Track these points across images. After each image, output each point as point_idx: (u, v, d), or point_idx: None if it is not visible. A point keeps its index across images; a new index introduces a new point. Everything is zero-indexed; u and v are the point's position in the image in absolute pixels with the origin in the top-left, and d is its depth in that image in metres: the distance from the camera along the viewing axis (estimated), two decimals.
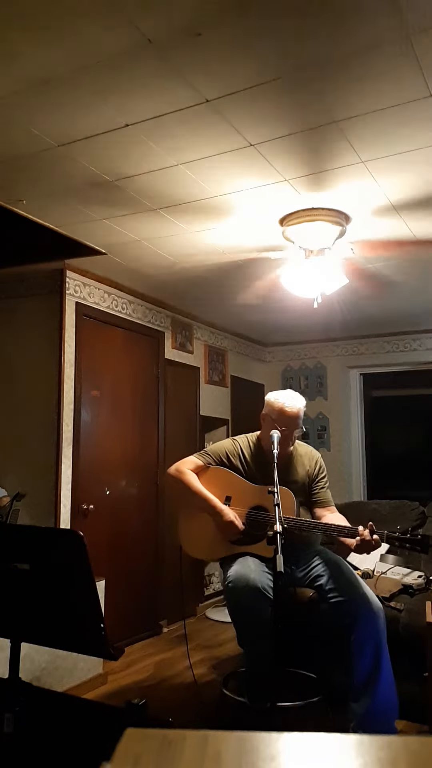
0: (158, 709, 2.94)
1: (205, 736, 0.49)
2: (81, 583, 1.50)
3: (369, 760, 0.46)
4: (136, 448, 4.41)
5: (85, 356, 3.93)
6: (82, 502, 3.83)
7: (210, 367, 5.47)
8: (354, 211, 2.98)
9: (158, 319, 4.74)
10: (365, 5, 1.65)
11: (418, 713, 2.66)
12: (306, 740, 0.48)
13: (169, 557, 4.46)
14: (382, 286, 4.25)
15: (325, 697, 2.65)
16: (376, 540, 2.41)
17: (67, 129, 2.27)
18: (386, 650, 2.50)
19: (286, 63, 1.87)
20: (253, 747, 0.48)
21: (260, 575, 2.50)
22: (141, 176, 2.63)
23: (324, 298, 3.45)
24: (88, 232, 3.27)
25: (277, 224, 3.13)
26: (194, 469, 2.84)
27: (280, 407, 2.74)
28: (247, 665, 2.66)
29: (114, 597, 3.75)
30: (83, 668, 3.29)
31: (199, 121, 2.20)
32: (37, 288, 3.89)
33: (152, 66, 1.89)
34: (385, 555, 3.56)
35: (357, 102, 2.08)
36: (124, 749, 0.48)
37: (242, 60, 1.87)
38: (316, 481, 2.86)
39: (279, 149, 2.38)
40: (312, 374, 6.28)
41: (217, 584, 5.32)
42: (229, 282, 4.14)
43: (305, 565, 2.74)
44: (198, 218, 3.08)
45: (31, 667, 2.92)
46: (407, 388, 6.23)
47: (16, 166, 2.54)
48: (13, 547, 1.65)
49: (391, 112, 2.14)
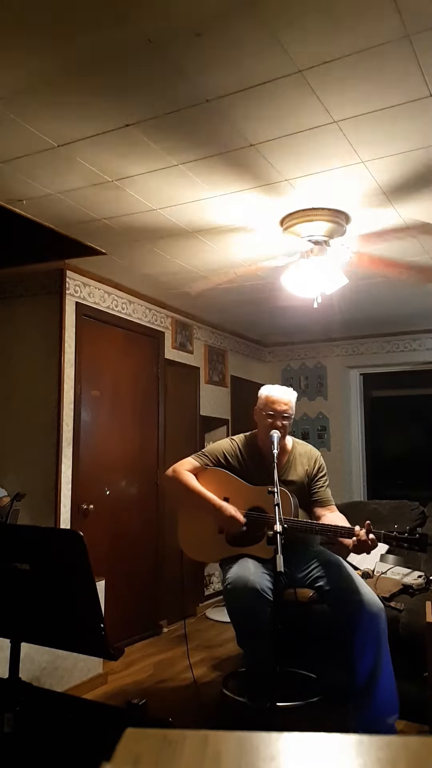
0: (158, 709, 2.94)
1: (205, 736, 0.49)
2: (81, 583, 1.50)
3: (369, 760, 0.46)
4: (136, 448, 4.41)
5: (85, 356, 3.93)
6: (82, 502, 3.83)
7: (210, 367, 5.47)
8: (354, 211, 2.98)
9: (158, 319, 4.74)
10: (365, 5, 1.65)
11: (418, 713, 2.66)
12: (306, 740, 0.48)
13: (169, 557, 4.46)
14: (382, 286, 4.26)
15: (325, 697, 2.65)
16: (373, 540, 2.40)
17: (68, 129, 2.27)
18: (387, 650, 2.50)
19: (286, 63, 1.87)
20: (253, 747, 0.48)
21: (259, 576, 2.50)
22: (141, 176, 2.63)
23: (324, 298, 3.46)
24: (88, 232, 3.27)
25: (278, 225, 3.14)
26: (192, 470, 2.85)
27: (266, 395, 2.81)
28: (247, 665, 2.66)
29: (114, 597, 3.75)
30: (83, 668, 3.29)
31: (199, 122, 2.20)
32: (37, 288, 3.89)
33: (152, 66, 1.89)
34: (385, 555, 3.56)
35: (357, 102, 2.08)
36: (124, 749, 0.48)
37: (242, 60, 1.87)
38: (316, 480, 2.85)
39: (279, 149, 2.38)
40: (312, 374, 6.28)
41: (217, 584, 5.32)
42: (230, 284, 4.14)
43: (305, 565, 2.74)
44: (198, 219, 3.08)
45: (31, 667, 2.92)
46: (407, 388, 6.23)
47: (16, 166, 2.54)
48: (13, 547, 1.66)
49: (391, 112, 2.14)
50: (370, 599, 2.51)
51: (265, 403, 2.78)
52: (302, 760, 0.47)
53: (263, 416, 2.77)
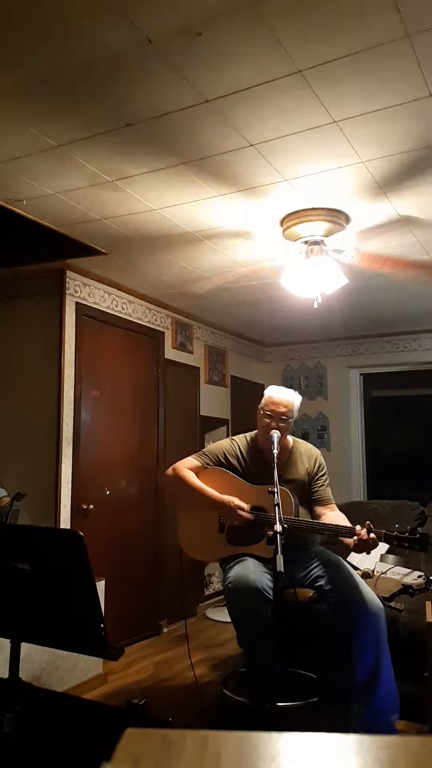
0: (158, 709, 2.94)
1: (205, 736, 0.49)
2: (81, 583, 1.50)
3: (369, 760, 0.46)
4: (136, 448, 4.41)
5: (85, 356, 3.93)
6: (82, 502, 3.83)
7: (210, 367, 5.47)
8: (354, 211, 2.98)
9: (158, 319, 4.74)
10: (365, 5, 1.65)
11: (418, 713, 2.66)
12: (306, 740, 0.48)
13: (169, 557, 4.46)
14: (382, 286, 4.25)
15: (325, 697, 2.65)
16: (374, 539, 2.41)
17: (68, 129, 2.27)
18: (387, 650, 2.51)
19: (286, 63, 1.87)
20: (253, 747, 0.48)
21: (260, 576, 2.50)
22: (141, 176, 2.63)
23: (324, 298, 3.46)
24: (88, 232, 3.27)
25: (278, 225, 3.14)
26: (192, 469, 2.85)
27: (269, 396, 2.82)
28: (247, 665, 2.66)
29: (114, 597, 3.75)
30: (83, 668, 3.29)
31: (199, 122, 2.20)
32: (37, 288, 3.89)
33: (152, 66, 1.89)
34: (385, 555, 3.56)
35: (357, 102, 2.08)
36: (124, 749, 0.48)
37: (242, 60, 1.86)
38: (316, 479, 2.86)
39: (279, 149, 2.38)
40: (312, 374, 6.28)
41: (217, 584, 5.32)
42: (230, 284, 4.14)
43: (305, 565, 2.74)
44: (198, 219, 3.08)
45: (31, 667, 2.92)
46: (407, 388, 6.23)
47: (16, 166, 2.54)
48: (13, 547, 1.66)
49: (390, 112, 2.14)
50: (370, 599, 2.52)
51: (266, 403, 2.80)
52: (302, 760, 0.47)
53: (262, 416, 2.78)
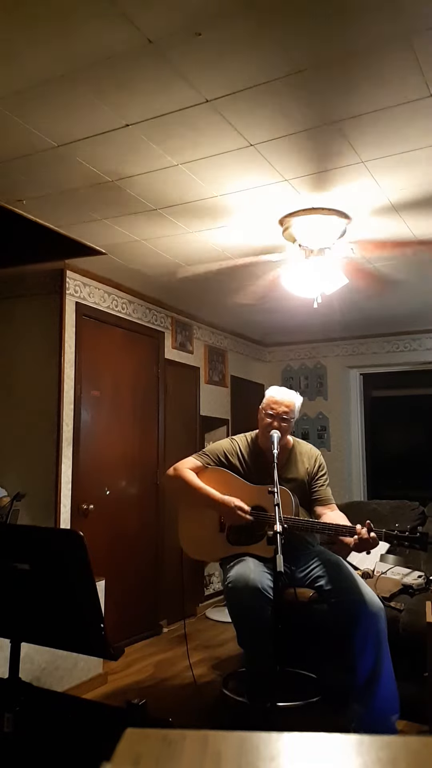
0: (158, 709, 2.94)
1: (205, 736, 0.49)
2: (81, 583, 1.50)
3: (369, 760, 0.46)
4: (136, 448, 4.41)
5: (85, 356, 3.93)
6: (82, 502, 3.83)
7: (210, 367, 5.47)
8: (354, 210, 2.98)
9: (158, 319, 4.74)
10: (365, 5, 1.65)
11: (418, 713, 2.66)
12: (306, 740, 0.48)
13: (169, 557, 4.46)
14: (382, 286, 4.25)
15: (325, 697, 2.65)
16: (374, 538, 2.41)
17: (67, 129, 2.27)
18: (387, 650, 2.51)
19: (286, 63, 1.87)
20: (253, 747, 0.47)
21: (260, 575, 2.50)
22: (141, 176, 2.63)
23: (324, 298, 3.46)
24: (88, 232, 3.27)
25: (277, 224, 3.14)
26: (193, 469, 2.86)
27: (270, 395, 2.83)
28: (247, 665, 2.66)
29: (114, 597, 3.75)
30: (83, 668, 3.29)
31: (199, 121, 2.20)
32: (37, 288, 3.88)
33: (152, 66, 1.89)
34: (385, 555, 3.56)
35: (357, 102, 2.08)
36: (124, 749, 0.48)
37: (242, 60, 1.86)
38: (316, 478, 2.86)
39: (279, 149, 2.38)
40: (312, 374, 6.28)
41: (217, 584, 5.32)
42: (229, 282, 4.14)
43: (305, 565, 2.74)
44: (198, 219, 3.08)
45: (31, 667, 2.92)
46: (407, 388, 6.23)
47: (16, 166, 2.54)
48: (13, 547, 1.65)
49: (391, 111, 2.14)
50: (370, 599, 2.52)
51: (267, 403, 2.80)
52: (302, 760, 0.47)
53: (263, 416, 2.78)
